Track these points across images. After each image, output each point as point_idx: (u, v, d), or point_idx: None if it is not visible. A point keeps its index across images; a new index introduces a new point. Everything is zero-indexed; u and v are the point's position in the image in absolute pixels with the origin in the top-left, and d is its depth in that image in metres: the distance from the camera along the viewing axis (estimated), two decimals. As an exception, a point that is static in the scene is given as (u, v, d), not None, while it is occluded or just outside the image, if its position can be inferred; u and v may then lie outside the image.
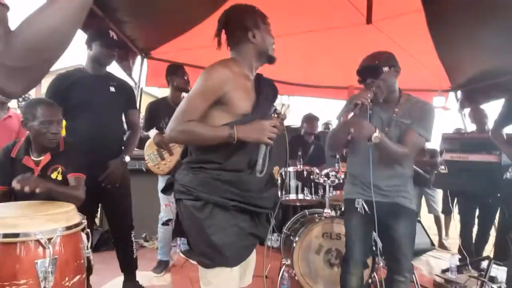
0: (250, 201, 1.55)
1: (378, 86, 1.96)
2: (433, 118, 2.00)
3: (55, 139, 2.02)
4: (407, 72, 4.77)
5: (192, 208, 1.51)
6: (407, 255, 2.02)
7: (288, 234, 3.13)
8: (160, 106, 3.38)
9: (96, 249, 3.73)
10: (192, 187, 1.52)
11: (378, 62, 1.98)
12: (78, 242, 1.38)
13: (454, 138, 3.60)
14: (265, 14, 1.67)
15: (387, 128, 2.00)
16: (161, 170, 3.24)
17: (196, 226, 1.52)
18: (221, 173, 1.52)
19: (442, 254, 4.37)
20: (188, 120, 1.47)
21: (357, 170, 2.12)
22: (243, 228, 1.56)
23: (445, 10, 3.59)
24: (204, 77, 1.48)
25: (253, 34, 1.58)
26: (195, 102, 1.49)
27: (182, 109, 1.49)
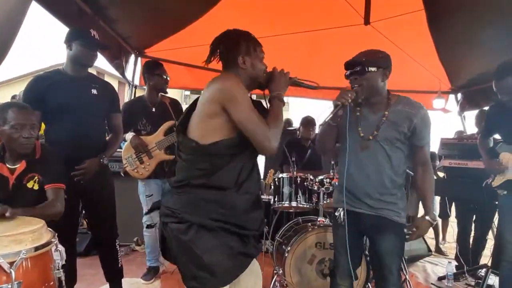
0: (236, 222, 1.53)
1: (360, 85, 1.87)
2: (430, 121, 1.94)
3: (28, 144, 1.90)
4: (406, 73, 4.76)
5: (177, 231, 1.51)
6: (393, 271, 1.93)
7: (281, 242, 3.05)
8: (136, 107, 3.23)
9: (86, 253, 3.67)
10: (176, 209, 1.53)
11: (364, 60, 1.88)
12: (47, 262, 1.29)
13: (453, 144, 3.52)
14: (259, 42, 1.68)
15: (376, 131, 1.91)
16: (141, 174, 3.09)
17: (184, 249, 1.50)
18: (205, 192, 1.51)
19: (439, 260, 4.30)
20: (267, 127, 1.49)
21: (341, 178, 2.02)
22: (232, 247, 1.53)
23: (446, 11, 3.51)
24: (238, 92, 1.49)
25: (243, 60, 1.59)
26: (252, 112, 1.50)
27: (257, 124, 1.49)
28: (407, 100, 1.97)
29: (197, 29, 4.07)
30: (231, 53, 1.60)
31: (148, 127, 3.15)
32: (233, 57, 1.59)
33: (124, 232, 3.33)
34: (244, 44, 1.60)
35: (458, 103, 5.22)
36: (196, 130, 1.53)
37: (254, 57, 1.62)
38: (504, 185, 2.62)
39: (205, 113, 1.51)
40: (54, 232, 1.40)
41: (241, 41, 1.61)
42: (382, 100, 1.95)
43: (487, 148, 2.91)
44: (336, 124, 1.95)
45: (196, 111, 1.57)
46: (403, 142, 1.91)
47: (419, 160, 1.96)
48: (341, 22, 3.81)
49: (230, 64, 1.61)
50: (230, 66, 1.62)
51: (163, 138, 3.07)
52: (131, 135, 3.08)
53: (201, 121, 1.53)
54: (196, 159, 1.53)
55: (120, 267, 2.60)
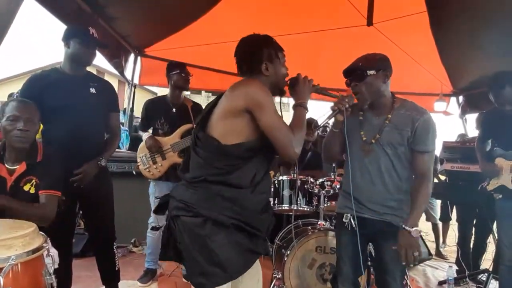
0: (248, 221, 1.54)
1: (360, 92, 1.84)
2: (434, 128, 1.86)
3: (22, 138, 1.83)
4: (408, 75, 4.72)
5: (192, 225, 1.50)
6: (396, 277, 1.89)
7: (280, 245, 3.01)
8: (158, 105, 3.24)
9: (82, 255, 3.62)
10: (192, 203, 1.51)
11: (362, 65, 1.84)
12: (39, 268, 1.24)
13: (455, 147, 3.48)
14: (281, 46, 1.69)
15: (378, 135, 1.87)
16: (152, 174, 3.11)
17: (197, 243, 1.50)
18: (222, 188, 1.51)
19: (439, 263, 4.27)
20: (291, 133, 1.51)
21: (347, 183, 1.97)
22: (241, 244, 1.54)
23: (449, 13, 3.50)
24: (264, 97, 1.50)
25: (266, 66, 1.61)
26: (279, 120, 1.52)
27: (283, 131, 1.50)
28: (412, 104, 1.92)
29: (197, 29, 4.05)
30: (254, 60, 1.62)
31: (166, 126, 3.14)
32: (257, 64, 1.61)
33: (121, 233, 3.28)
34: (266, 51, 1.62)
35: (460, 106, 5.19)
36: (217, 129, 1.54)
37: (277, 63, 1.65)
38: (498, 189, 2.66)
39: (229, 113, 1.52)
40: (46, 237, 1.36)
41: (263, 47, 1.62)
42: (386, 103, 1.91)
43: (485, 152, 2.93)
44: (338, 130, 1.93)
45: (218, 110, 1.57)
46: (406, 148, 1.86)
47: (417, 169, 1.87)
48: (344, 23, 3.78)
49: (253, 71, 1.63)
50: (253, 72, 1.63)
51: (179, 141, 3.05)
52: (146, 135, 3.09)
53: (222, 121, 1.53)
54: (215, 157, 1.54)
55: (117, 269, 2.56)
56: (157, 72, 4.93)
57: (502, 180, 2.64)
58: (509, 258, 2.60)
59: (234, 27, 3.91)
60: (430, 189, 1.88)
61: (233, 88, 1.55)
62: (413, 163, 1.88)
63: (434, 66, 4.49)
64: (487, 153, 2.89)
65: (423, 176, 1.86)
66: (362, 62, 1.86)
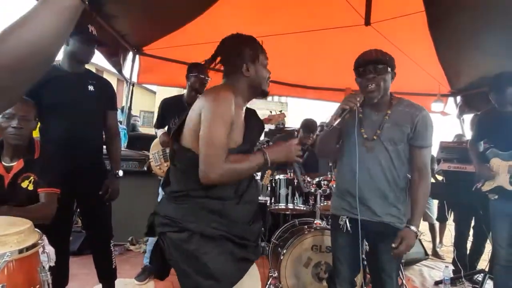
0: (236, 232, 1.48)
1: (378, 84, 1.81)
2: (431, 123, 1.89)
3: (16, 135, 1.83)
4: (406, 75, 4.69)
5: (179, 241, 1.45)
6: (392, 277, 1.91)
7: (277, 244, 3.02)
8: (173, 105, 3.23)
9: (79, 253, 3.62)
10: (177, 217, 1.46)
11: (388, 59, 1.83)
12: (34, 265, 1.24)
13: (452, 147, 3.49)
14: (263, 48, 1.63)
15: (379, 131, 1.88)
16: (162, 172, 3.14)
17: (187, 258, 1.44)
18: (206, 201, 1.46)
19: (436, 263, 4.28)
20: (223, 158, 1.37)
21: (344, 182, 1.98)
22: (234, 253, 1.49)
23: (447, 13, 3.50)
24: (218, 104, 1.40)
25: (247, 67, 1.55)
26: (220, 133, 1.38)
27: (211, 145, 1.37)
28: (409, 102, 1.95)
29: (196, 28, 4.05)
30: (235, 60, 1.56)
31: None
32: (237, 64, 1.56)
33: (118, 231, 3.29)
34: (248, 51, 1.56)
35: (457, 106, 5.19)
36: (189, 139, 1.49)
37: (258, 65, 1.59)
38: (494, 190, 2.69)
39: (195, 122, 1.46)
40: (42, 234, 1.36)
41: (245, 48, 1.57)
42: (386, 101, 1.92)
43: (478, 153, 2.95)
44: (340, 127, 1.91)
45: (188, 119, 1.52)
46: (406, 144, 1.88)
47: (416, 164, 1.89)
48: (342, 23, 3.77)
49: (233, 71, 1.58)
50: (232, 73, 1.58)
51: None
52: (161, 131, 3.13)
53: (192, 130, 1.48)
54: (192, 170, 1.43)
55: (114, 268, 2.56)
56: (156, 70, 4.94)
57: (499, 181, 2.65)
58: (504, 258, 2.63)
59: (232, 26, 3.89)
60: (429, 184, 1.91)
61: (201, 95, 1.52)
62: (411, 158, 1.90)
63: (432, 66, 4.49)
64: (481, 154, 2.91)
65: (422, 170, 1.88)
66: (387, 57, 1.84)
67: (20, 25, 0.61)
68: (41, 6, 0.62)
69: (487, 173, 2.72)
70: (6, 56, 0.60)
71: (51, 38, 0.62)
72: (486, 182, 2.75)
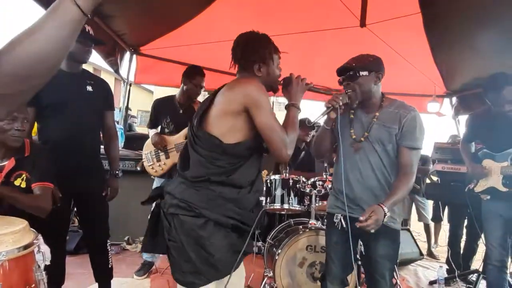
0: (245, 220, 1.59)
1: (353, 90, 1.88)
2: (421, 125, 1.89)
3: (19, 137, 1.86)
4: (401, 76, 4.75)
5: (194, 225, 1.51)
6: (385, 276, 1.93)
7: (272, 244, 3.03)
8: (165, 105, 3.29)
9: (76, 252, 3.64)
10: (194, 203, 1.52)
11: (355, 65, 1.88)
12: (29, 264, 1.26)
13: (446, 148, 3.52)
14: (277, 47, 1.69)
15: (367, 132, 1.91)
16: (155, 172, 3.19)
17: (195, 244, 1.50)
18: (224, 189, 1.54)
19: (431, 263, 4.31)
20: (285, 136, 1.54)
21: (338, 182, 2.00)
22: (234, 245, 1.58)
23: (443, 15, 3.53)
24: (262, 96, 1.51)
25: (259, 67, 1.62)
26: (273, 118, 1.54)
27: (277, 131, 1.53)
28: (400, 103, 1.97)
29: (193, 28, 4.06)
30: (248, 59, 1.62)
31: (171, 126, 3.20)
32: (250, 64, 1.62)
33: (115, 231, 3.32)
34: (261, 51, 1.61)
35: (453, 107, 5.22)
36: (216, 127, 1.54)
37: (271, 64, 1.65)
38: (487, 191, 2.70)
39: (228, 112, 1.52)
40: (37, 233, 1.38)
41: (259, 48, 1.62)
42: (376, 102, 1.95)
43: (470, 153, 2.97)
44: (330, 127, 1.96)
45: (216, 107, 1.56)
46: (394, 145, 1.90)
47: (402, 163, 1.88)
48: (337, 24, 3.79)
49: (246, 68, 1.64)
50: (245, 71, 1.64)
51: (183, 141, 3.09)
52: (154, 131, 3.17)
53: (221, 119, 1.54)
54: (216, 156, 1.54)
55: (110, 267, 2.57)
56: (153, 70, 4.95)
57: (492, 182, 2.67)
58: (496, 258, 2.65)
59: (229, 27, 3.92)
60: (411, 182, 1.88)
61: (232, 86, 1.56)
62: (398, 157, 1.91)
63: (428, 67, 4.51)
64: (473, 154, 2.93)
65: (405, 169, 1.87)
66: (355, 63, 1.90)
67: (27, 36, 0.65)
68: (46, 18, 0.66)
69: (480, 172, 2.73)
70: (13, 64, 0.64)
71: (56, 49, 0.67)
72: (479, 183, 2.77)
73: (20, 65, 0.65)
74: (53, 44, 0.66)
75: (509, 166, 2.58)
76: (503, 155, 2.63)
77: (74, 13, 0.67)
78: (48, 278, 1.40)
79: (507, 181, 2.57)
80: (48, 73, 0.70)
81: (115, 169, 2.54)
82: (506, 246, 2.65)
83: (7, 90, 0.67)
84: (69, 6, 0.67)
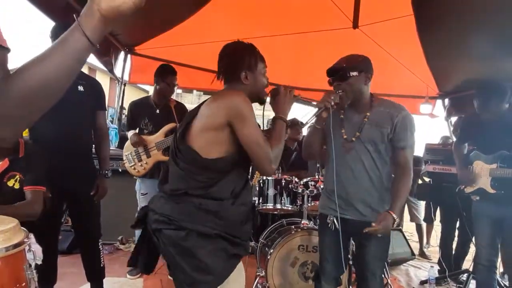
0: (231, 232, 1.55)
1: (344, 90, 1.90)
2: (411, 123, 1.93)
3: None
4: (394, 78, 4.78)
5: (176, 238, 1.49)
6: (376, 275, 1.96)
7: (265, 244, 3.05)
8: (142, 106, 3.30)
9: (69, 251, 3.64)
10: (173, 216, 1.50)
11: (345, 66, 1.91)
12: (19, 263, 1.26)
13: (437, 149, 3.55)
14: (263, 56, 1.67)
15: (359, 132, 1.94)
16: (137, 172, 3.18)
17: (185, 254, 1.49)
18: (203, 201, 1.51)
19: (422, 264, 4.34)
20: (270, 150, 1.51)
21: (329, 182, 2.03)
22: (226, 250, 1.55)
23: (436, 17, 3.56)
24: (246, 109, 1.48)
25: (245, 75, 1.59)
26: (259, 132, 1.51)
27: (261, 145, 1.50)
28: (390, 102, 2.00)
29: (187, 28, 4.07)
30: (234, 68, 1.60)
31: (150, 126, 3.21)
32: (236, 72, 1.59)
33: (108, 230, 3.33)
34: (247, 59, 1.60)
35: (445, 109, 5.27)
36: (198, 141, 1.51)
37: (258, 73, 1.63)
38: (476, 192, 2.73)
39: (210, 125, 1.49)
40: (28, 232, 1.38)
41: (245, 56, 1.60)
42: (366, 102, 1.98)
43: (462, 155, 2.98)
44: (321, 127, 1.98)
45: (198, 121, 1.53)
46: (387, 144, 1.93)
47: (399, 163, 1.95)
48: (330, 25, 3.82)
49: (233, 78, 1.61)
50: (232, 80, 1.62)
51: (163, 139, 3.10)
52: (132, 132, 3.16)
53: (203, 133, 1.50)
54: (195, 170, 1.51)
55: (102, 267, 2.58)
56: (148, 70, 4.92)
57: (481, 183, 2.70)
58: (486, 258, 2.69)
59: (223, 27, 3.94)
60: (410, 180, 1.95)
61: (216, 98, 1.53)
62: (394, 158, 1.95)
63: (420, 69, 4.55)
64: (464, 156, 2.94)
65: (404, 167, 1.94)
66: (345, 63, 1.92)
67: (36, 62, 0.70)
68: (56, 46, 0.71)
69: (468, 178, 2.77)
70: (22, 88, 0.69)
71: (62, 75, 0.72)
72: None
73: (28, 89, 0.70)
74: (60, 72, 0.71)
75: (498, 168, 2.60)
76: (493, 157, 2.66)
77: (83, 43, 0.71)
78: (40, 278, 1.41)
79: (496, 183, 2.60)
80: (54, 98, 0.75)
81: (105, 168, 2.55)
82: (495, 246, 2.68)
83: (15, 112, 0.71)
84: (79, 37, 0.71)
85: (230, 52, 1.64)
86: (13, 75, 0.70)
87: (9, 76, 0.71)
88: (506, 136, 2.59)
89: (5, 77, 0.70)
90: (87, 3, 0.72)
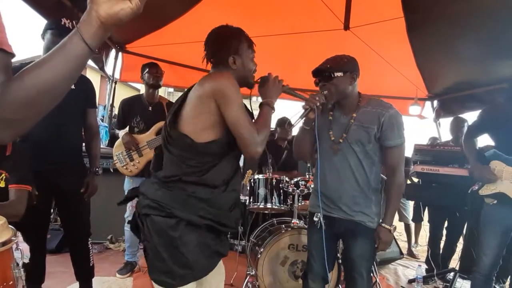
0: (220, 220, 1.55)
1: (329, 90, 1.91)
2: (399, 121, 1.92)
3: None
4: (384, 79, 4.82)
5: (164, 225, 1.46)
6: (363, 274, 1.97)
7: (255, 243, 3.06)
8: (133, 104, 3.28)
9: (58, 250, 3.61)
10: (165, 203, 1.48)
11: (330, 67, 1.92)
12: (7, 261, 1.25)
13: (426, 150, 3.59)
14: (252, 40, 1.65)
15: (345, 134, 1.94)
16: (130, 171, 3.16)
17: (167, 244, 1.46)
18: (196, 189, 1.50)
19: (410, 263, 4.40)
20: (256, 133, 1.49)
21: (317, 182, 2.04)
22: (209, 245, 1.54)
23: (426, 19, 3.61)
24: (232, 91, 1.46)
25: (233, 59, 1.58)
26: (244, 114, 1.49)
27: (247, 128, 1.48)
28: (377, 101, 1.99)
29: (179, 27, 4.07)
30: (221, 52, 1.58)
31: (141, 124, 3.19)
32: (224, 56, 1.57)
33: (98, 229, 3.31)
34: (235, 43, 1.58)
35: (434, 110, 5.34)
36: (189, 126, 1.50)
37: (245, 57, 1.61)
38: (495, 195, 2.43)
39: (199, 109, 1.48)
40: (16, 230, 1.37)
41: (232, 40, 1.58)
42: (353, 103, 1.98)
43: (475, 150, 2.71)
44: (309, 128, 1.98)
45: (188, 106, 1.52)
46: (375, 144, 1.93)
47: (387, 163, 1.95)
48: (321, 26, 3.83)
49: (220, 62, 1.59)
50: (220, 64, 1.60)
51: (154, 138, 3.10)
52: (123, 132, 3.14)
53: (194, 117, 1.49)
54: (188, 155, 1.51)
55: (91, 266, 2.56)
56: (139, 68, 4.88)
57: (502, 188, 2.39)
58: (485, 268, 2.46)
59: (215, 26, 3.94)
60: (401, 182, 1.96)
61: (202, 81, 1.50)
62: (384, 157, 1.96)
63: (410, 71, 4.60)
64: (478, 152, 2.68)
65: (393, 168, 1.94)
66: (330, 64, 1.93)
67: (36, 67, 0.72)
68: (56, 52, 0.73)
69: (489, 177, 2.44)
70: (22, 92, 0.71)
71: (61, 80, 0.74)
72: (486, 186, 2.48)
73: (27, 93, 0.71)
74: (59, 77, 0.73)
75: None
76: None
77: (82, 49, 0.73)
78: (28, 276, 1.40)
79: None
80: (53, 102, 0.76)
81: (95, 166, 2.52)
82: (499, 257, 2.44)
83: (14, 116, 0.72)
84: (78, 43, 0.72)
85: (218, 36, 1.61)
86: (14, 79, 0.72)
87: (11, 80, 0.72)
88: None
89: (8, 82, 0.72)
90: (86, 10, 0.73)
